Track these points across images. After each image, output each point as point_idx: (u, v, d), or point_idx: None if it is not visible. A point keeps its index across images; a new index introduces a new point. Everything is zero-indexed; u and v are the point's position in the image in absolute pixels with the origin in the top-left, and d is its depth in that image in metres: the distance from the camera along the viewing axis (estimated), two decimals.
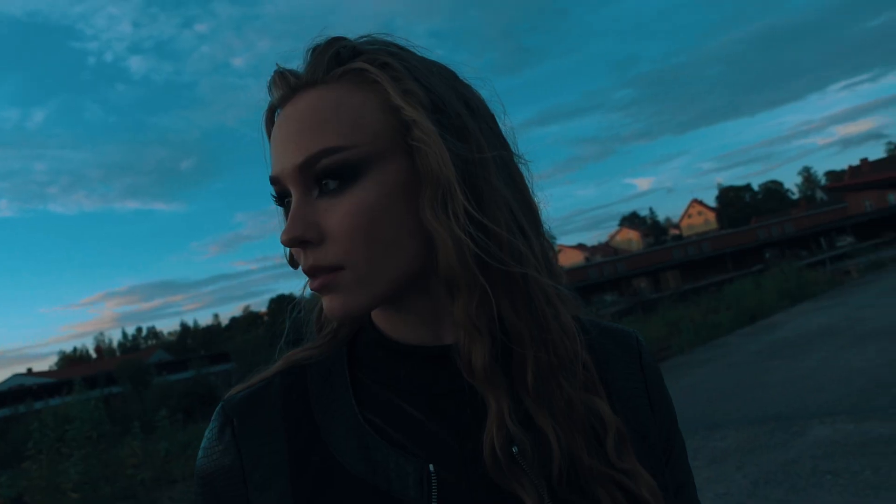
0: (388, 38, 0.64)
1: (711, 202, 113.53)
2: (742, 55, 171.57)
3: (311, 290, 0.61)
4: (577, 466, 0.60)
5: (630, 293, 50.32)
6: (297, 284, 0.68)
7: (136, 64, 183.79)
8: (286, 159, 0.59)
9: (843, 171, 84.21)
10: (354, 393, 0.65)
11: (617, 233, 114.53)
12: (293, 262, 0.69)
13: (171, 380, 33.58)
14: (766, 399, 6.64)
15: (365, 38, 0.64)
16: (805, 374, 7.54)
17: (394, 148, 0.59)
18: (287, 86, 0.62)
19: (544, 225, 0.67)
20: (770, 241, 57.14)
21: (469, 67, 0.66)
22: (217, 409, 0.66)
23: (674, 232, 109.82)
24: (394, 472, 0.59)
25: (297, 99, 0.61)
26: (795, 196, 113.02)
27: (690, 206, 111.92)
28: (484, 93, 0.66)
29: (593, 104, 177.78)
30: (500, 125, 0.66)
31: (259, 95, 0.66)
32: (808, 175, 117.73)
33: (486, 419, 0.60)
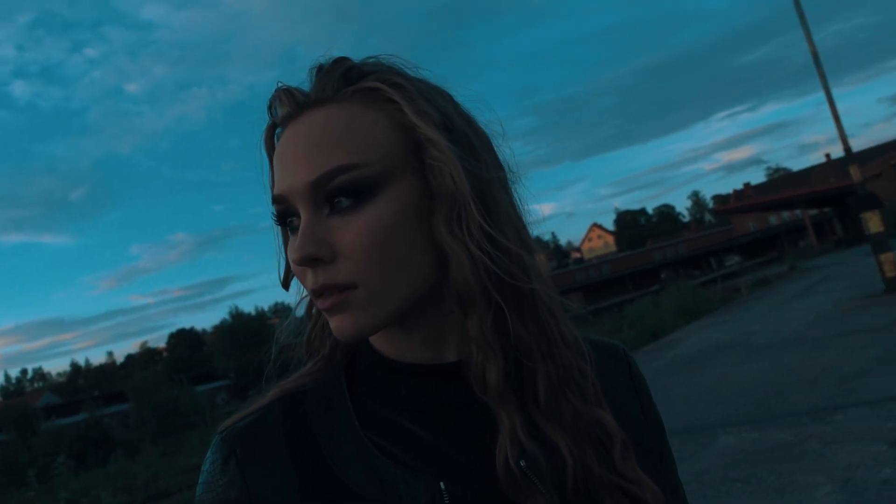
0: (395, 60, 0.64)
1: (610, 226, 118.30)
2: (633, 86, 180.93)
3: (321, 309, 0.60)
4: (588, 478, 0.61)
5: None
6: (197, 318, 0.67)
7: (19, 89, 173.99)
8: (295, 177, 0.59)
9: (728, 195, 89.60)
10: (357, 416, 0.64)
11: None
12: (286, 284, 0.69)
13: (62, 424, 31.39)
14: (673, 413, 6.90)
15: (371, 60, 0.64)
16: (708, 388, 7.92)
17: (405, 166, 0.60)
18: (294, 103, 0.61)
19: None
20: (665, 262, 60.02)
21: (466, 90, 0.67)
22: (215, 440, 0.64)
23: (575, 255, 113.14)
24: (405, 491, 0.59)
25: (304, 117, 0.60)
26: (686, 219, 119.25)
27: (590, 230, 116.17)
28: (483, 115, 0.68)
29: (496, 133, 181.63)
30: (496, 146, 0.68)
31: (154, 125, 0.64)
32: (696, 199, 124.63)
33: (494, 433, 0.61)
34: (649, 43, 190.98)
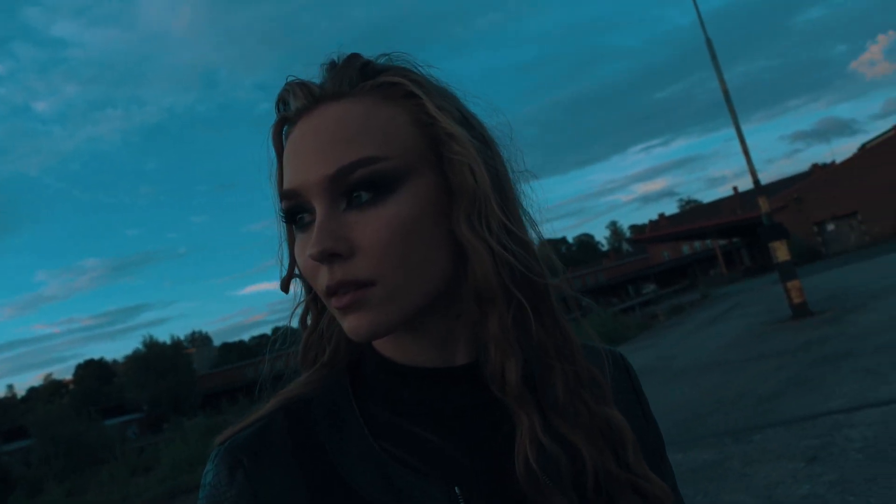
0: (407, 57, 0.64)
1: None
2: (554, 119, 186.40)
3: (335, 308, 0.57)
4: (604, 477, 0.61)
5: None
6: (108, 348, 0.64)
7: None
8: (312, 170, 0.57)
9: (644, 225, 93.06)
10: (365, 423, 0.62)
11: None
12: (286, 286, 0.67)
13: None
14: None
15: (383, 57, 0.63)
16: None
17: (423, 162, 0.59)
18: (310, 96, 0.60)
19: None
20: (585, 290, 61.36)
21: (475, 90, 0.67)
22: (217, 452, 0.61)
23: None
24: (419, 498, 0.57)
25: (320, 110, 0.59)
26: (605, 248, 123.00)
27: None
28: (490, 118, 0.67)
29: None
30: (502, 145, 0.67)
31: (64, 145, 0.62)
32: (615, 228, 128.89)
33: (505, 436, 0.60)
34: (569, 78, 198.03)
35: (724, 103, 14.40)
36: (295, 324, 0.69)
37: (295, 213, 0.60)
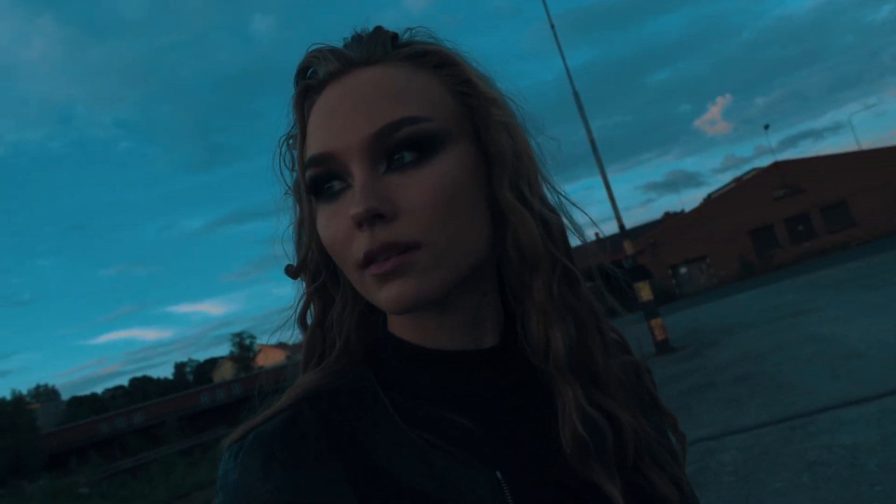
0: (431, 32, 0.63)
1: None
2: None
3: (376, 275, 0.53)
4: (643, 445, 0.62)
5: None
6: None
7: None
8: (352, 131, 0.54)
9: None
10: (395, 410, 0.58)
11: None
12: (301, 269, 0.63)
13: None
14: None
15: (408, 32, 0.62)
16: None
17: (460, 129, 0.58)
18: (343, 60, 0.57)
19: None
20: None
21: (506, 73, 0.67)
22: (238, 447, 0.55)
23: None
24: (465, 485, 0.54)
25: (353, 75, 0.57)
26: None
27: None
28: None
29: (290, 203, 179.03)
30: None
31: None
32: None
33: (536, 417, 0.60)
34: None
35: (584, 155, 15.28)
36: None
37: (323, 182, 0.56)
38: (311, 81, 0.59)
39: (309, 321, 0.65)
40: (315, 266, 0.63)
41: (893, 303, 10.04)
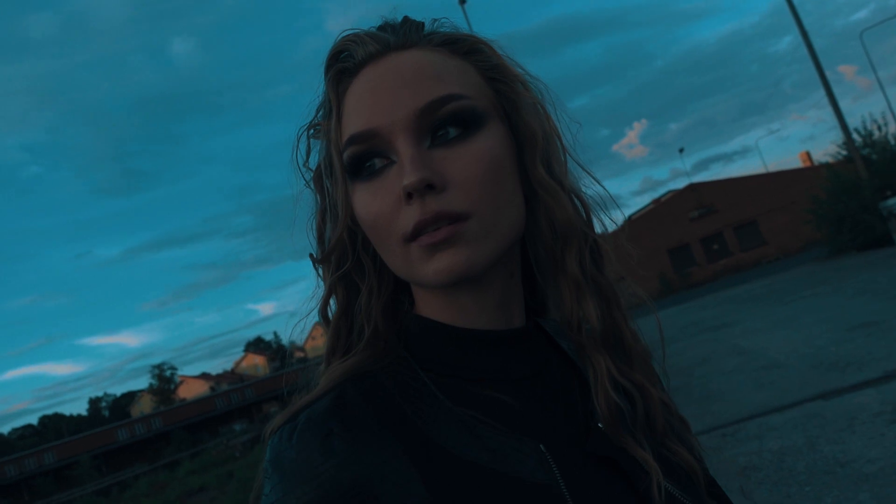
0: (455, 23, 0.65)
1: None
2: None
3: (427, 245, 0.54)
4: (666, 412, 0.65)
5: (261, 419, 49.00)
6: None
7: None
8: (397, 106, 0.55)
9: None
10: (438, 389, 0.59)
11: (242, 359, 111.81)
12: (333, 251, 0.63)
13: None
14: None
15: (436, 22, 0.64)
16: None
17: (494, 112, 0.60)
18: (382, 42, 0.59)
19: None
20: None
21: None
22: (296, 424, 0.53)
23: (299, 354, 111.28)
24: (514, 456, 0.55)
25: (391, 57, 0.59)
26: None
27: (314, 328, 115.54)
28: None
29: (212, 230, 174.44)
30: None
31: None
32: None
33: (564, 392, 0.63)
34: None
35: None
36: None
37: (363, 160, 0.57)
38: (347, 64, 0.60)
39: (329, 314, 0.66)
40: (341, 252, 0.63)
41: (805, 315, 10.57)
